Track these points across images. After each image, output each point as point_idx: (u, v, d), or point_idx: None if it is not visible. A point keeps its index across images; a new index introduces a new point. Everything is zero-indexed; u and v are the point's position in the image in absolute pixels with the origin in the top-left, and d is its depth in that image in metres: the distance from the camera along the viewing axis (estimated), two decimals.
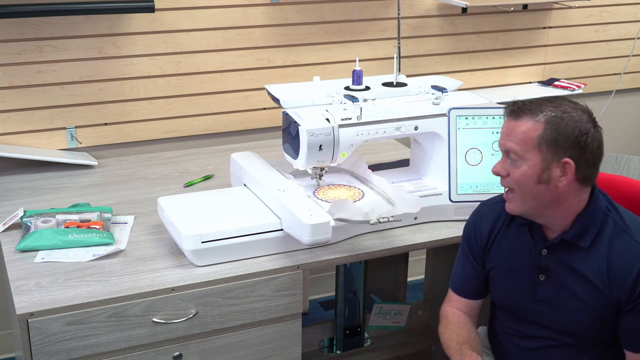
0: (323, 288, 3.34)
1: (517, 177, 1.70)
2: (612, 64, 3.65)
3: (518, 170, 1.70)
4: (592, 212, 1.73)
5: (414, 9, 3.11)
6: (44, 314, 1.81)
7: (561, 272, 1.77)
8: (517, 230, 1.84)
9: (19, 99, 2.63)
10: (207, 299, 1.96)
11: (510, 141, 1.70)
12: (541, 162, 1.67)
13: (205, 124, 2.92)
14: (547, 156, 1.66)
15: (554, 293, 1.78)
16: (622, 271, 1.68)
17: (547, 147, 1.65)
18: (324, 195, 2.22)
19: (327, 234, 1.98)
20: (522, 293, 1.83)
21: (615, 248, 1.71)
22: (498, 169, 1.74)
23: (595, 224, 1.73)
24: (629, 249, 1.69)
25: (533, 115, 1.67)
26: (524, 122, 1.68)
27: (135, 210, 2.33)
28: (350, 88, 2.27)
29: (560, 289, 1.77)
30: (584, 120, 1.66)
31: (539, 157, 1.66)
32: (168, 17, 2.74)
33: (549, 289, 1.79)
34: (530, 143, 1.67)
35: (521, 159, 1.69)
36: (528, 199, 1.72)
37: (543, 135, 1.65)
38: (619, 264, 1.69)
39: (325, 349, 2.78)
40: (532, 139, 1.66)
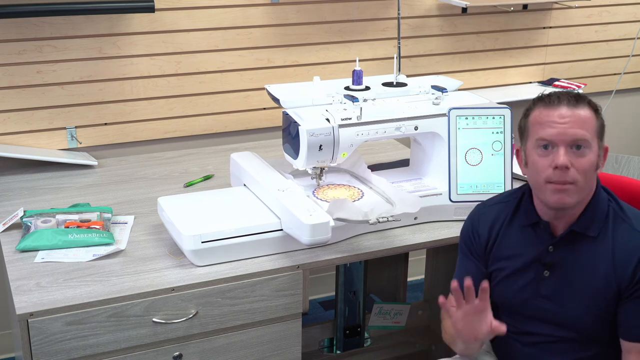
0: (323, 288, 3.34)
1: (585, 166, 1.69)
2: (612, 64, 3.65)
3: (585, 159, 1.69)
4: (598, 201, 1.76)
5: (414, 9, 3.11)
6: (44, 314, 1.81)
7: (566, 267, 1.77)
8: (519, 230, 1.84)
9: (19, 99, 2.63)
10: (207, 299, 1.96)
11: (579, 129, 1.68)
12: (598, 149, 1.72)
13: (205, 124, 2.92)
14: (600, 143, 1.73)
15: (558, 289, 1.78)
16: (624, 261, 1.71)
17: (600, 134, 1.73)
18: (324, 195, 2.22)
19: (326, 234, 1.98)
20: (525, 290, 1.82)
21: (617, 237, 1.73)
22: (566, 161, 1.67)
23: (601, 213, 1.76)
24: (630, 238, 1.72)
25: (588, 104, 1.73)
26: (584, 110, 1.72)
27: (135, 210, 2.33)
28: (350, 88, 2.27)
29: (564, 284, 1.77)
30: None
31: (598, 144, 1.72)
32: (168, 17, 2.74)
33: (553, 285, 1.79)
34: (593, 130, 1.71)
35: (588, 147, 1.70)
36: (586, 189, 1.72)
37: (598, 123, 1.72)
38: (621, 253, 1.71)
39: (325, 349, 2.79)
40: (594, 126, 1.71)
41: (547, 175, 1.69)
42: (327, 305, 3.32)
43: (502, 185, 2.23)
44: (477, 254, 1.91)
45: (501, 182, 2.23)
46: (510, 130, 2.23)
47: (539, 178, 1.72)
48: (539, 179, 1.72)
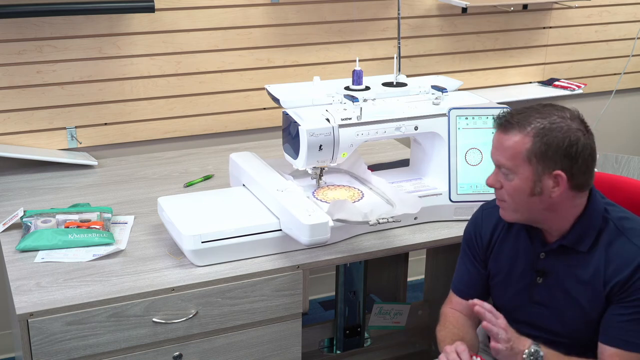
0: (323, 288, 3.34)
1: (510, 191, 1.70)
2: (612, 64, 3.65)
3: (510, 184, 1.69)
4: (590, 216, 1.72)
5: (414, 9, 3.11)
6: (44, 314, 1.81)
7: (559, 275, 1.77)
8: (516, 234, 1.84)
9: (19, 99, 2.63)
10: (207, 299, 1.96)
11: (500, 156, 1.69)
12: (532, 175, 1.66)
13: (205, 124, 2.92)
14: (538, 169, 1.65)
15: (550, 295, 1.78)
16: (616, 271, 1.68)
17: (537, 160, 1.65)
18: (323, 196, 2.22)
19: (325, 234, 1.98)
20: (520, 295, 1.83)
21: (612, 251, 1.70)
22: (492, 181, 1.74)
23: (593, 228, 1.72)
24: (624, 251, 1.69)
25: (521, 128, 1.66)
26: (513, 135, 1.67)
27: (135, 210, 2.33)
28: (350, 88, 2.27)
29: (556, 291, 1.77)
30: (573, 128, 1.64)
31: (530, 170, 1.66)
32: (168, 17, 2.74)
33: (546, 292, 1.79)
34: (520, 157, 1.66)
35: (512, 173, 1.68)
36: (521, 210, 1.72)
37: (532, 148, 1.64)
38: (614, 265, 1.69)
39: (325, 349, 2.79)
40: (521, 153, 1.65)
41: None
42: (327, 305, 3.32)
43: None
44: (477, 256, 1.91)
45: None
46: None
47: None
48: None
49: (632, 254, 1.68)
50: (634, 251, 1.68)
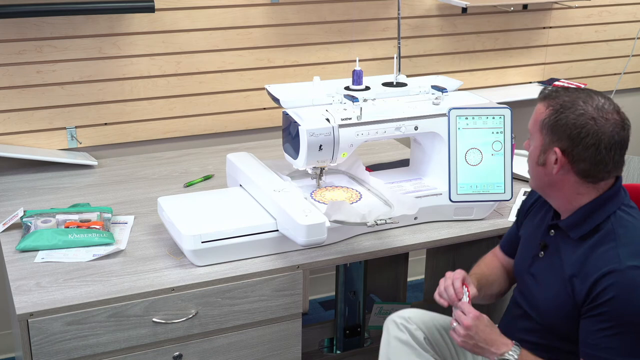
0: (323, 288, 3.34)
1: (528, 155, 1.79)
2: (612, 64, 3.65)
3: (530, 149, 1.78)
4: (594, 210, 1.73)
5: (414, 9, 3.11)
6: (44, 314, 1.81)
7: (554, 255, 1.80)
8: (548, 208, 1.89)
9: (19, 99, 2.63)
10: (207, 299, 1.96)
11: (530, 121, 1.78)
12: (540, 145, 1.73)
13: (205, 124, 2.92)
14: (546, 140, 1.72)
15: (542, 271, 1.82)
16: (587, 274, 1.68)
17: (546, 132, 1.72)
18: (321, 197, 2.22)
19: (322, 234, 1.97)
20: (524, 263, 1.90)
21: (596, 252, 1.70)
22: (526, 144, 1.82)
23: (591, 221, 1.73)
24: (604, 256, 1.68)
25: (549, 100, 1.73)
26: (541, 105, 1.75)
27: (135, 210, 2.33)
28: (350, 88, 2.27)
29: (547, 270, 1.80)
30: (588, 114, 1.66)
31: (540, 140, 1.73)
32: (168, 17, 2.74)
33: (541, 267, 1.83)
34: (537, 125, 1.74)
35: (532, 139, 1.77)
36: (532, 177, 1.81)
37: (545, 120, 1.71)
38: (588, 268, 1.69)
39: (325, 349, 2.79)
40: (538, 121, 1.74)
41: None
42: (327, 305, 3.32)
43: (502, 186, 2.23)
44: (519, 219, 2.01)
45: (501, 182, 2.23)
46: (510, 130, 2.23)
47: None
48: None
49: (606, 260, 1.66)
50: (612, 259, 1.66)
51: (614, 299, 1.62)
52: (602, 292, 1.64)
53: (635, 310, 1.62)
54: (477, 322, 1.77)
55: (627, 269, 1.63)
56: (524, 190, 2.48)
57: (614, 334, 1.63)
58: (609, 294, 1.63)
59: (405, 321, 2.00)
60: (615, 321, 1.63)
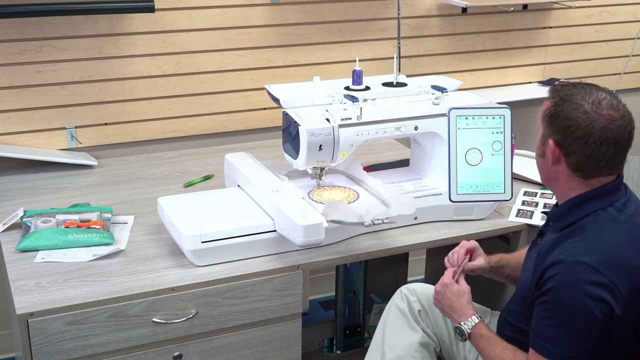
0: (323, 288, 3.34)
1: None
2: (612, 64, 3.65)
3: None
4: (579, 204, 1.73)
5: (414, 9, 3.11)
6: (44, 314, 1.81)
7: (542, 242, 1.83)
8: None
9: (19, 99, 2.63)
10: (207, 299, 1.96)
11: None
12: (542, 136, 1.77)
13: (205, 124, 2.92)
14: (545, 132, 1.75)
15: (530, 257, 1.85)
16: (543, 262, 1.71)
17: (545, 124, 1.75)
18: (319, 197, 2.22)
19: (320, 235, 1.97)
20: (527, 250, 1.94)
21: (561, 244, 1.71)
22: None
23: (574, 215, 1.73)
24: (562, 247, 1.69)
25: (554, 93, 1.76)
26: (548, 97, 1.78)
27: (135, 210, 2.33)
28: (350, 88, 2.27)
29: (532, 256, 1.83)
30: (583, 109, 1.67)
31: (541, 131, 1.77)
32: (168, 17, 2.74)
33: (532, 253, 1.85)
34: (541, 116, 1.77)
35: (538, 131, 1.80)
36: (537, 167, 1.83)
37: (547, 111, 1.74)
38: (548, 257, 1.71)
39: (325, 349, 2.79)
40: (542, 113, 1.76)
41: None
42: (327, 305, 3.32)
43: (502, 186, 2.23)
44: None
45: (501, 182, 2.23)
46: (510, 130, 2.23)
47: None
48: None
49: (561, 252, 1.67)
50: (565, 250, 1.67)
51: (555, 289, 1.65)
52: (547, 280, 1.67)
53: (573, 304, 1.62)
54: (445, 289, 1.91)
55: (573, 263, 1.64)
56: (524, 190, 2.48)
57: (553, 324, 1.65)
58: (551, 283, 1.65)
59: (408, 292, 2.13)
60: (554, 311, 1.65)
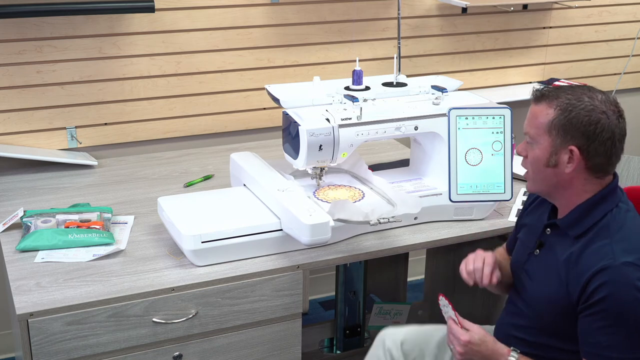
0: (323, 288, 3.34)
1: (530, 159, 1.78)
2: (612, 64, 3.65)
3: (532, 153, 1.77)
4: (593, 206, 1.74)
5: (414, 9, 3.11)
6: (44, 314, 1.81)
7: (550, 253, 1.80)
8: (545, 207, 1.89)
9: (19, 99, 2.63)
10: (207, 299, 1.96)
11: (528, 124, 1.77)
12: (550, 147, 1.72)
13: (205, 124, 2.92)
14: (556, 141, 1.71)
15: (537, 270, 1.83)
16: (581, 271, 1.68)
17: (556, 133, 1.71)
18: (324, 196, 2.22)
19: (326, 234, 1.98)
20: (520, 260, 1.90)
21: (590, 248, 1.70)
22: (519, 149, 1.81)
23: (589, 219, 1.73)
24: (598, 252, 1.68)
25: (550, 100, 1.73)
26: (541, 107, 1.74)
27: (135, 210, 2.33)
28: (350, 88, 2.27)
29: (542, 268, 1.81)
30: (597, 109, 1.69)
31: (549, 141, 1.72)
32: (168, 17, 2.74)
33: (536, 265, 1.84)
34: (542, 127, 1.73)
35: (535, 142, 1.75)
36: (538, 180, 1.79)
37: (554, 120, 1.71)
38: (582, 264, 1.69)
39: (325, 349, 2.79)
40: (544, 123, 1.72)
41: None
42: (327, 305, 3.32)
43: (502, 186, 2.23)
44: (519, 219, 2.01)
45: (501, 182, 2.23)
46: (511, 130, 2.23)
47: None
48: None
49: (600, 257, 1.67)
50: (605, 255, 1.66)
51: (609, 297, 1.62)
52: (597, 289, 1.64)
53: (631, 306, 1.62)
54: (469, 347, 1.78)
55: (620, 265, 1.63)
56: (524, 190, 2.48)
57: (613, 332, 1.63)
58: (604, 291, 1.63)
59: (393, 345, 2.03)
60: (612, 319, 1.63)
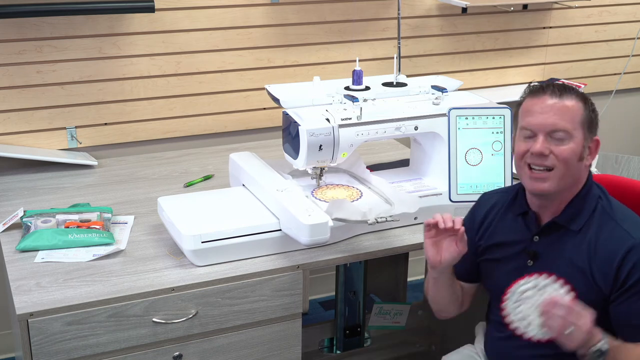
0: (323, 288, 3.34)
1: (564, 155, 1.72)
2: (612, 64, 3.65)
3: (565, 148, 1.72)
4: (585, 196, 1.77)
5: (414, 9, 3.11)
6: (44, 314, 1.81)
7: (549, 259, 1.79)
8: (512, 219, 1.87)
9: (19, 99, 2.63)
10: (207, 299, 1.96)
11: (559, 119, 1.72)
12: (583, 140, 1.74)
13: (205, 124, 2.92)
14: (587, 134, 1.74)
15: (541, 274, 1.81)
16: (606, 259, 1.70)
17: (587, 126, 1.75)
18: (323, 195, 2.22)
19: (325, 234, 1.98)
20: (508, 277, 1.84)
21: (602, 235, 1.73)
22: (542, 148, 1.72)
23: (587, 208, 1.77)
24: (614, 236, 1.72)
25: (575, 94, 1.75)
26: (570, 100, 1.74)
27: (135, 210, 2.33)
28: (350, 88, 2.27)
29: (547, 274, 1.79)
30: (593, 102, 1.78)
31: (582, 134, 1.74)
32: (168, 17, 2.74)
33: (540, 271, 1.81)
34: (577, 120, 1.73)
35: (569, 137, 1.73)
36: (567, 177, 1.74)
37: (585, 114, 1.74)
38: (603, 252, 1.71)
39: (325, 349, 2.79)
40: (578, 116, 1.73)
41: (526, 161, 1.76)
42: (327, 305, 3.32)
43: (502, 185, 2.23)
44: (469, 239, 1.91)
45: (501, 182, 2.23)
46: (510, 130, 2.23)
47: (520, 163, 1.78)
48: (519, 164, 1.79)
49: (619, 240, 1.70)
50: (623, 236, 1.70)
51: None
52: (631, 271, 1.67)
53: None
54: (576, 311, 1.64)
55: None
56: None
57: None
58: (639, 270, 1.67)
59: None
60: None
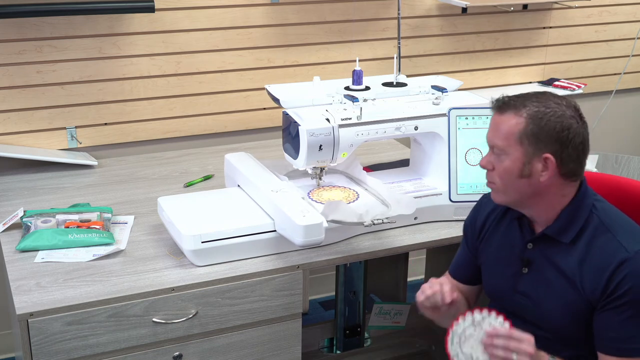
0: (323, 288, 3.34)
1: (500, 171, 1.73)
2: (612, 64, 3.65)
3: (501, 165, 1.72)
4: (577, 208, 1.73)
5: (414, 9, 3.11)
6: (44, 314, 1.81)
7: (543, 266, 1.78)
8: (508, 223, 1.86)
9: (19, 99, 2.63)
10: (207, 299, 1.96)
11: (494, 136, 1.73)
12: (523, 157, 1.69)
13: (205, 124, 2.92)
14: (529, 151, 1.68)
15: (534, 286, 1.80)
16: (597, 270, 1.68)
17: (528, 142, 1.68)
18: (319, 197, 2.22)
19: (320, 235, 1.97)
20: (505, 283, 1.85)
21: (595, 246, 1.70)
22: (484, 162, 1.76)
23: (578, 220, 1.73)
24: (607, 248, 1.69)
25: (517, 110, 1.69)
26: (508, 117, 1.70)
27: (135, 210, 2.33)
28: (350, 88, 2.27)
29: (540, 283, 1.78)
30: (567, 115, 1.67)
31: (521, 151, 1.69)
32: (168, 17, 2.74)
33: (530, 282, 1.80)
34: (513, 138, 1.69)
35: (504, 154, 1.71)
36: (510, 192, 1.74)
37: (525, 130, 1.67)
38: (595, 262, 1.69)
39: (325, 349, 2.79)
40: (514, 133, 1.69)
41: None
42: (327, 305, 3.32)
43: None
44: (469, 241, 1.95)
45: None
46: None
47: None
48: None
49: (612, 251, 1.68)
50: (617, 249, 1.67)
51: (634, 287, 1.63)
52: (620, 283, 1.64)
53: None
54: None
55: (636, 255, 1.64)
56: None
57: (635, 323, 1.64)
58: (628, 283, 1.64)
59: None
60: (636, 308, 1.64)
